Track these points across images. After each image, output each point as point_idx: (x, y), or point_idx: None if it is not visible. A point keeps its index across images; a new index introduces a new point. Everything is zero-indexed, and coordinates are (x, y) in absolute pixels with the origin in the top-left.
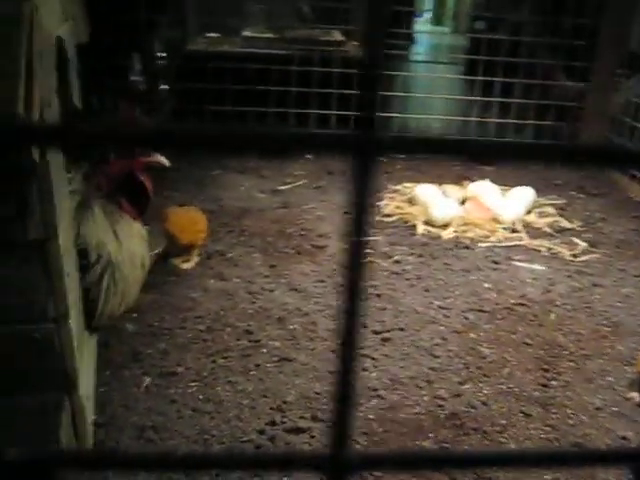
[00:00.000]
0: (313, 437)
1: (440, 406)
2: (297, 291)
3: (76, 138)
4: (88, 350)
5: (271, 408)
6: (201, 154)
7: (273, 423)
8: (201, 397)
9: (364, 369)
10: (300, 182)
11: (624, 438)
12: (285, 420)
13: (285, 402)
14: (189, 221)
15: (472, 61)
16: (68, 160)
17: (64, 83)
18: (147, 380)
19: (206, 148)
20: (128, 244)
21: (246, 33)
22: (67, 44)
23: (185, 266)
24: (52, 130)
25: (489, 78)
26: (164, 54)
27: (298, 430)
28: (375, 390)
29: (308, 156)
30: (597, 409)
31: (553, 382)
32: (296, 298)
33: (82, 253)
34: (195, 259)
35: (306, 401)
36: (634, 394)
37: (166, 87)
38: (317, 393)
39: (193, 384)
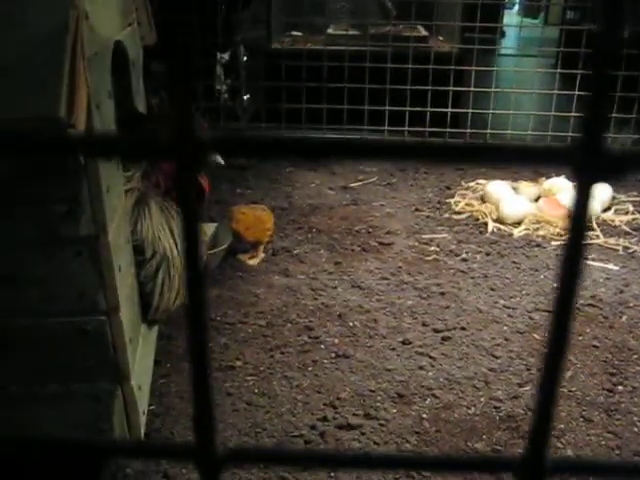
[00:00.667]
0: (364, 434)
1: (496, 408)
2: (360, 288)
3: (115, 148)
4: (145, 342)
5: (324, 404)
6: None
7: (325, 419)
8: (256, 391)
9: (420, 368)
10: (371, 179)
11: None
12: (337, 417)
13: (339, 398)
14: (255, 219)
15: (563, 53)
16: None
17: (124, 87)
18: None
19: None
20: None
21: (329, 31)
22: (129, 48)
23: (251, 262)
24: (92, 141)
25: (570, 71)
26: (245, 57)
27: (349, 427)
28: (430, 389)
29: None
30: None
31: (619, 387)
32: (358, 295)
33: (138, 249)
34: (261, 255)
35: (360, 398)
36: None
37: (248, 96)
38: (372, 391)
39: (250, 378)
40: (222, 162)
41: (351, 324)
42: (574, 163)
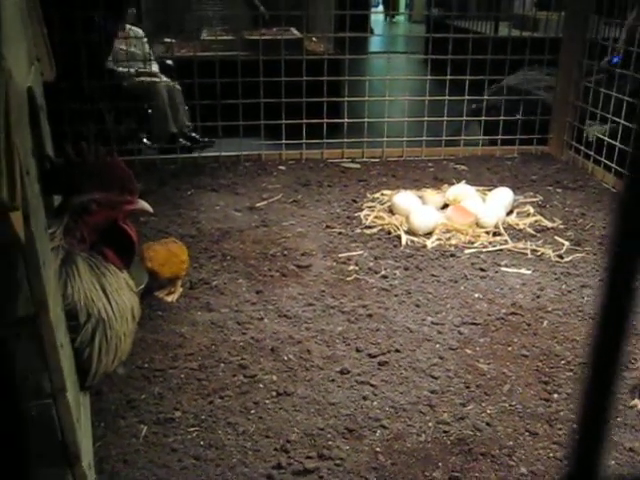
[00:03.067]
0: (322, 477)
1: (445, 432)
2: (287, 317)
3: None
4: (85, 411)
5: (275, 449)
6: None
7: (279, 466)
8: (202, 443)
9: (364, 398)
10: (276, 197)
11: (631, 450)
12: (291, 462)
13: (289, 441)
14: (169, 254)
15: (427, 50)
16: (48, 216)
17: (36, 135)
18: (144, 429)
19: None
20: (117, 297)
21: (203, 36)
22: (36, 90)
23: (170, 299)
24: None
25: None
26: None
27: (306, 472)
28: (378, 420)
29: (281, 167)
30: None
31: (555, 395)
32: (286, 325)
33: (71, 313)
34: (179, 290)
35: (310, 438)
36: (636, 401)
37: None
38: (320, 429)
39: (192, 429)
40: (150, 210)
41: (285, 357)
42: None
